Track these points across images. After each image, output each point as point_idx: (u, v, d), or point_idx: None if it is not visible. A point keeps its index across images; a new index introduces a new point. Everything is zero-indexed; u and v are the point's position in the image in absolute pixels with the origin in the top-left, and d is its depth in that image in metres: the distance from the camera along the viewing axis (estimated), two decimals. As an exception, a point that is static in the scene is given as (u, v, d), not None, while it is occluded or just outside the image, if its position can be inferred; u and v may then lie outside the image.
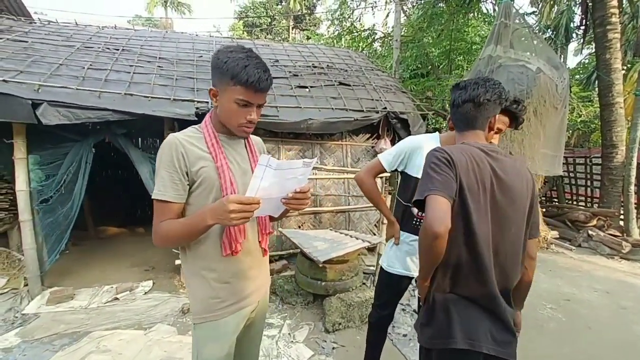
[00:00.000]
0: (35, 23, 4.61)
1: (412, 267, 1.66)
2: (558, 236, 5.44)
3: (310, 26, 21.69)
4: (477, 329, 0.97)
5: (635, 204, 5.49)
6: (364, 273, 3.50)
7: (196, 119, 3.06)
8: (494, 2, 8.52)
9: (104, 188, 5.88)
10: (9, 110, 2.58)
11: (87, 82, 3.07)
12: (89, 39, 4.09)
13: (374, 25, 10.21)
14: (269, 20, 21.65)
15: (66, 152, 3.12)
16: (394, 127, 4.01)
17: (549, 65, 5.03)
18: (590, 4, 5.85)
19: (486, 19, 8.74)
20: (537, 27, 8.53)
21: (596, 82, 8.46)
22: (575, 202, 7.16)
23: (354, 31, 9.94)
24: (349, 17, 9.95)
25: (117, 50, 3.91)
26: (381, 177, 4.34)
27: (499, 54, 5.13)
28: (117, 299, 3.16)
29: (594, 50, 9.38)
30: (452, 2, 7.40)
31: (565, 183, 7.23)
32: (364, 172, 1.71)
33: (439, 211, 0.91)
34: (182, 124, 3.25)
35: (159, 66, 3.73)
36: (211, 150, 1.05)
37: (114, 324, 2.74)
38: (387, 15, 9.78)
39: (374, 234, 4.16)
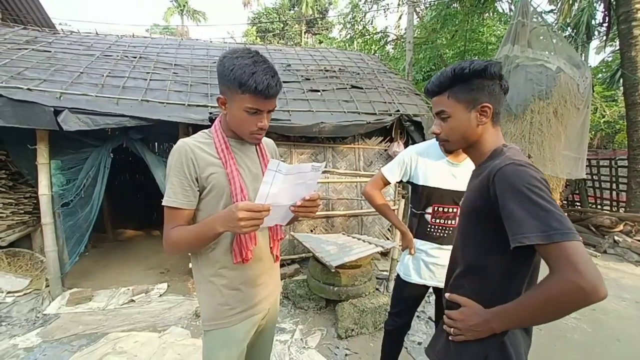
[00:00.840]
0: (58, 33, 4.82)
1: (428, 276, 1.62)
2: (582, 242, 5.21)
3: (323, 30, 21.82)
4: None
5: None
6: (377, 278, 3.45)
7: (210, 124, 3.10)
8: (510, 1, 8.33)
9: (121, 192, 6.05)
10: (33, 117, 2.69)
11: (105, 89, 3.17)
12: (109, 48, 4.24)
13: (386, 27, 10.16)
14: (282, 25, 21.91)
15: (86, 157, 3.22)
16: (407, 130, 3.95)
17: (570, 64, 4.86)
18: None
19: (502, 18, 8.55)
20: (557, 25, 8.25)
21: (620, 80, 8.14)
22: (599, 207, 6.85)
23: (366, 34, 9.91)
24: (361, 20, 9.94)
25: (135, 58, 4.02)
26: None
27: (517, 54, 4.99)
28: (133, 300, 3.21)
29: (617, 47, 9.02)
30: (467, 2, 7.27)
31: (588, 186, 6.93)
32: (370, 187, 1.69)
33: (595, 267, 0.70)
34: (196, 129, 3.30)
35: (174, 73, 3.81)
36: (221, 156, 1.04)
37: (129, 326, 2.79)
38: (400, 18, 9.72)
39: (388, 239, 4.10)
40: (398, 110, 3.83)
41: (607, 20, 6.23)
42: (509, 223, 0.79)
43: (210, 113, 3.16)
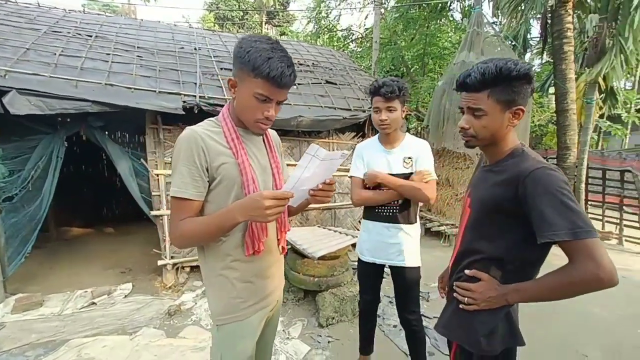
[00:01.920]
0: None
1: (381, 254, 1.76)
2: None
3: (284, 23, 21.47)
4: None
5: (584, 200, 6.13)
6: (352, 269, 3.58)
7: (183, 113, 2.94)
8: (460, 11, 9.05)
9: (66, 186, 5.42)
10: (-32, 97, 2.31)
11: (60, 69, 2.82)
12: (56, 23, 3.74)
13: (350, 26, 10.37)
14: (241, 14, 21.08)
15: (34, 145, 2.85)
16: (378, 127, 4.12)
17: (516, 72, 5.45)
18: (549, 18, 6.41)
19: (455, 26, 9.25)
20: (502, 36, 9.17)
21: (549, 89, 9.32)
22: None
23: (333, 30, 10.01)
24: (327, 15, 10.01)
25: (90, 37, 3.62)
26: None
27: (472, 60, 5.46)
28: (94, 303, 2.95)
29: (546, 60, 10.31)
30: (426, 8, 7.73)
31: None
32: (356, 194, 1.74)
33: (610, 260, 0.84)
34: (166, 117, 3.11)
35: (139, 56, 3.52)
36: (231, 146, 1.00)
37: (94, 331, 2.56)
38: (367, 17, 9.98)
39: (357, 230, 4.26)
40: (371, 107, 3.98)
41: (543, 36, 7.07)
42: (539, 221, 0.88)
43: (184, 102, 3.00)
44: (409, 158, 1.68)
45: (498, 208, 1.00)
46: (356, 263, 3.80)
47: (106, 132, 3.10)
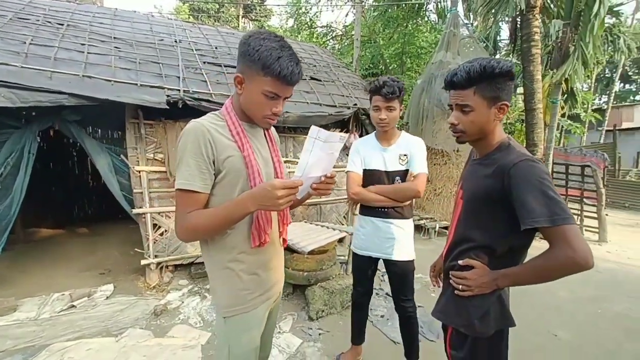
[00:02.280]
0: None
1: (375, 248, 1.84)
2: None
3: (262, 17, 21.08)
4: None
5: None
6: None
7: (167, 107, 2.86)
8: (434, 11, 9.35)
9: (34, 184, 5.09)
10: None
11: (31, 59, 2.64)
12: (22, 9, 3.48)
13: (330, 23, 10.39)
14: (217, 6, 20.45)
15: (3, 140, 2.66)
16: (362, 123, 4.21)
17: (489, 72, 5.73)
18: (518, 22, 6.78)
19: (432, 27, 9.54)
20: (476, 37, 9.59)
21: (517, 89, 9.86)
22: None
23: (313, 26, 9.99)
24: (307, 11, 9.97)
25: (61, 25, 3.40)
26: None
27: (449, 60, 5.69)
28: (73, 306, 2.82)
29: (513, 61, 10.93)
30: (405, 7, 7.91)
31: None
32: (353, 190, 1.78)
33: (587, 244, 0.90)
34: (148, 112, 3.01)
35: (116, 47, 3.36)
36: (237, 139, 1.01)
37: (76, 334, 2.46)
38: (347, 15, 10.03)
39: (342, 224, 4.34)
40: (356, 104, 4.05)
41: (513, 39, 7.46)
42: (522, 210, 0.95)
43: (168, 96, 2.91)
44: (405, 155, 1.76)
45: (487, 199, 1.06)
46: (343, 257, 3.92)
47: (83, 127, 2.95)
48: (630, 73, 22.03)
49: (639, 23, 14.08)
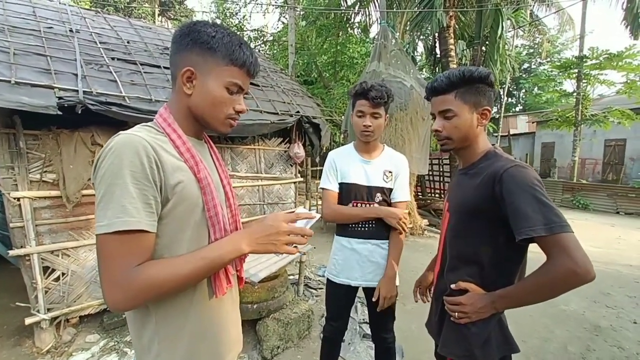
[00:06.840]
0: None
1: (357, 275, 1.61)
2: (428, 223, 6.69)
3: (182, 16, 19.44)
4: None
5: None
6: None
7: (60, 113, 2.18)
8: (358, 26, 9.82)
9: None
10: None
11: None
12: None
13: (261, 27, 10.04)
14: (128, 0, 18.15)
15: None
16: (305, 132, 3.98)
17: (418, 83, 6.13)
18: (437, 38, 7.49)
19: (359, 39, 9.98)
20: (404, 49, 10.40)
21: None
22: (433, 195, 9.02)
23: (243, 29, 9.48)
24: (235, 14, 9.43)
25: None
26: (295, 182, 4.25)
27: (382, 70, 5.90)
28: None
29: (429, 75, 12.22)
30: (335, 17, 8.06)
31: (426, 180, 9.01)
32: (328, 208, 1.60)
33: (586, 254, 0.83)
34: (30, 119, 2.26)
35: (-24, 31, 2.46)
36: (187, 157, 0.77)
37: None
38: (279, 19, 9.81)
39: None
40: (298, 112, 3.80)
41: (433, 54, 8.23)
42: (516, 218, 0.89)
43: (60, 98, 2.22)
44: (390, 172, 1.56)
45: (476, 209, 1.01)
46: (293, 277, 3.58)
47: None
48: (511, 89, 27.01)
49: (517, 49, 17.39)
